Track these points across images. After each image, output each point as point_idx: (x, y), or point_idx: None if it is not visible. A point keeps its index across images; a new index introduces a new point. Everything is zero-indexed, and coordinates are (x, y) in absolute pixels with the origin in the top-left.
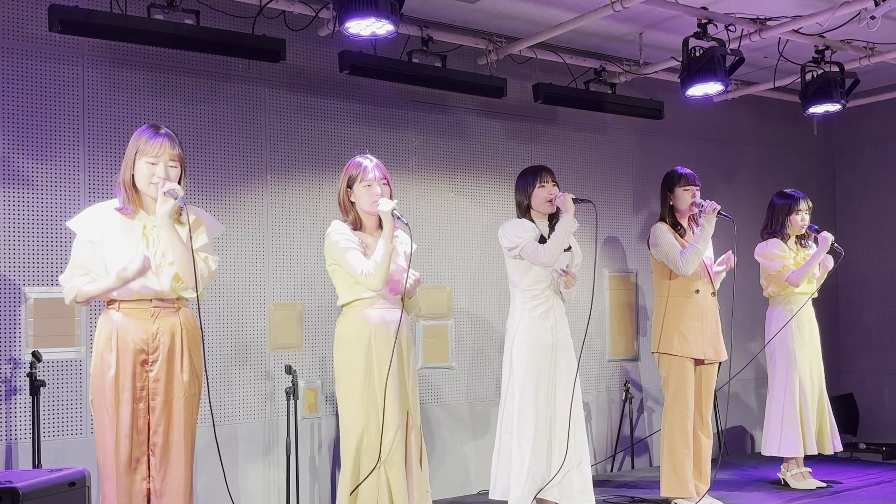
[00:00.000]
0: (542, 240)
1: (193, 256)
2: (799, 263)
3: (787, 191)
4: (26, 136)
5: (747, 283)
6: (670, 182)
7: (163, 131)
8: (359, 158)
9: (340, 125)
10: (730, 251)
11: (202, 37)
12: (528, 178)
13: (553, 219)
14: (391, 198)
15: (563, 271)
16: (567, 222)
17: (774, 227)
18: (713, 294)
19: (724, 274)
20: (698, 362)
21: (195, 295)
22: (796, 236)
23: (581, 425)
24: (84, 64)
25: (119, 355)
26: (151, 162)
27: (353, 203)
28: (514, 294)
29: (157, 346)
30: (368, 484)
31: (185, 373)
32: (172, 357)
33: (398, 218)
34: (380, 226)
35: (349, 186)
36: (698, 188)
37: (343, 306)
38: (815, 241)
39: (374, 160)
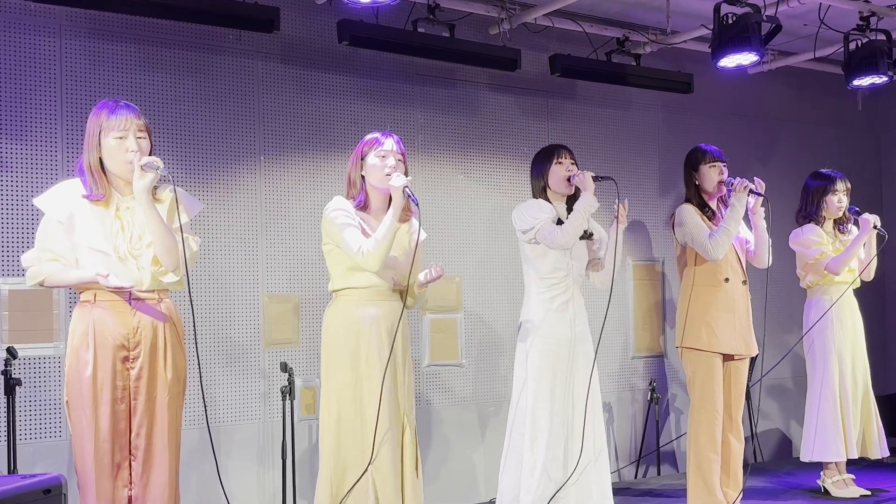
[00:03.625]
0: (561, 223)
1: (182, 231)
2: (838, 250)
3: (823, 171)
4: (0, 114)
5: (784, 272)
6: (694, 160)
7: (122, 103)
8: (376, 133)
9: (339, 101)
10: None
11: (189, 5)
12: (543, 157)
13: (572, 201)
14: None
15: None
16: (587, 201)
17: (809, 209)
18: (744, 282)
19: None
20: (727, 358)
21: (176, 279)
22: (834, 221)
23: (600, 422)
24: (62, 35)
25: (97, 352)
26: (120, 136)
27: (363, 178)
28: (530, 283)
29: (139, 342)
30: (355, 493)
31: (168, 370)
32: (155, 353)
33: (409, 196)
34: (388, 207)
35: (362, 158)
36: (725, 164)
37: (334, 292)
38: (857, 224)
39: (394, 135)
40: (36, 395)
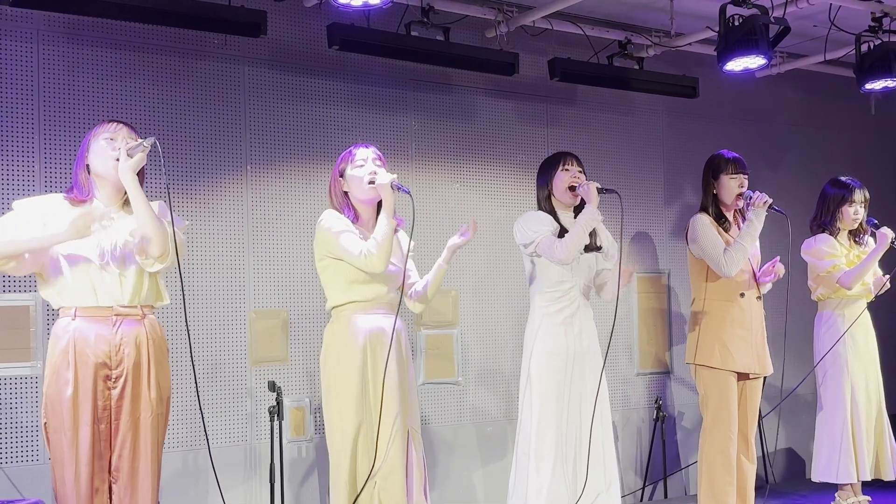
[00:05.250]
0: (564, 235)
1: (173, 224)
2: (852, 263)
3: (843, 179)
4: None
5: (796, 283)
6: (715, 168)
7: (118, 120)
8: (349, 147)
9: (330, 108)
10: (777, 258)
11: (172, 9)
12: (550, 164)
13: (579, 212)
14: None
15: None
16: (589, 214)
17: (824, 218)
18: (759, 298)
19: (769, 285)
20: (742, 376)
21: (162, 267)
22: (850, 231)
23: (609, 444)
24: (39, 40)
25: (77, 370)
26: (110, 137)
27: (345, 193)
28: (534, 297)
29: (121, 360)
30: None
31: (152, 390)
32: (138, 372)
33: (399, 188)
34: (377, 216)
35: (341, 175)
36: (747, 176)
37: (333, 309)
38: (873, 237)
39: (370, 145)
40: (12, 416)
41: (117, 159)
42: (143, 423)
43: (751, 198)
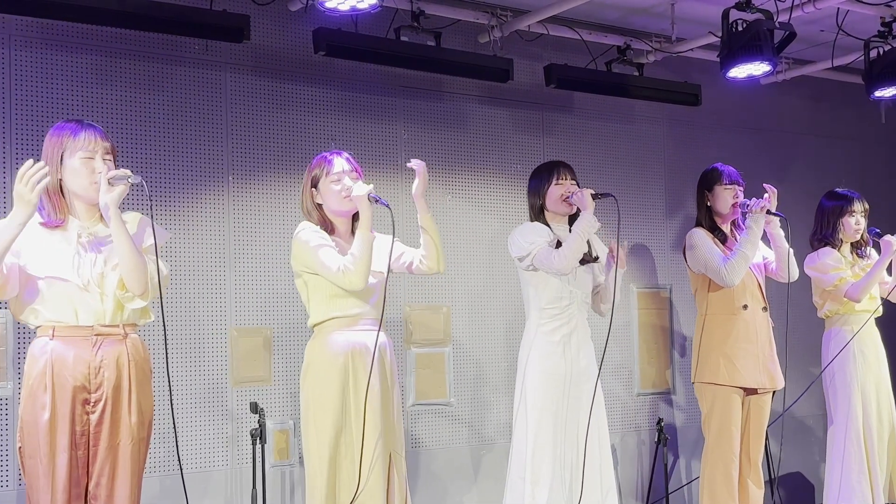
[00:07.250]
0: (560, 246)
1: (157, 253)
2: (857, 276)
3: (839, 190)
4: None
5: (804, 296)
6: (709, 181)
7: (86, 123)
8: (324, 153)
9: (316, 116)
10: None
11: (151, 13)
12: (542, 176)
13: (573, 222)
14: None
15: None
16: (586, 221)
17: (825, 232)
18: (765, 309)
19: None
20: (749, 392)
21: (143, 304)
22: (851, 244)
23: (608, 467)
24: (10, 45)
25: (55, 394)
26: (88, 156)
27: (319, 206)
28: (529, 314)
29: (101, 383)
30: None
31: (133, 414)
32: (119, 395)
33: (377, 200)
34: (354, 229)
35: (314, 186)
36: (742, 188)
37: (314, 326)
38: (876, 247)
39: (343, 152)
40: None
41: (97, 182)
42: (122, 450)
43: (747, 205)
